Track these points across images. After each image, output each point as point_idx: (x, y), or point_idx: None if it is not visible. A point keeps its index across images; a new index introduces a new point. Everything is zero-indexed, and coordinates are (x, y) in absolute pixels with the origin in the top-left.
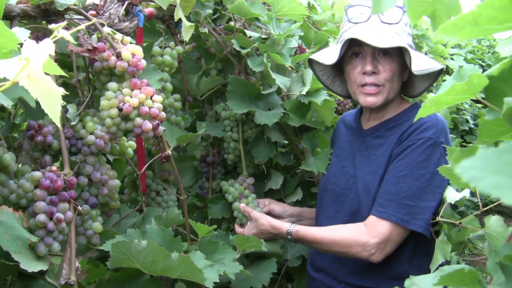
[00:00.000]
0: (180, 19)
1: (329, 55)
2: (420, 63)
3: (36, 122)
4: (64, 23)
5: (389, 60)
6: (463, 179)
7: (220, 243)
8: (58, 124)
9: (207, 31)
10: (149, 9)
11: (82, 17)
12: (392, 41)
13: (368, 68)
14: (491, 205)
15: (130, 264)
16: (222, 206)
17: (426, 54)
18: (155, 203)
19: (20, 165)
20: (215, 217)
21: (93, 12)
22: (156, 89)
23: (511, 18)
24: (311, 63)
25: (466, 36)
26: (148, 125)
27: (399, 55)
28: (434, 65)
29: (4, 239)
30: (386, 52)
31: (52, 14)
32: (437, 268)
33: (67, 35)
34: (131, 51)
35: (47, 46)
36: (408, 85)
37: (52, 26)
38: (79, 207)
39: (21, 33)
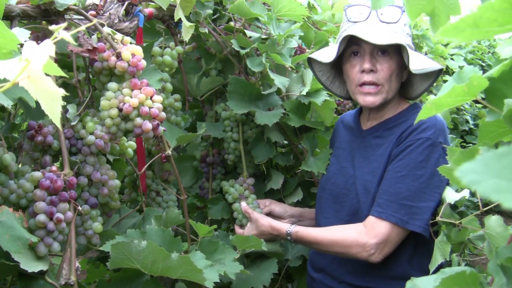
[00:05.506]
0: (180, 19)
1: (327, 54)
2: (419, 63)
3: (36, 122)
4: (64, 24)
5: (388, 59)
6: (463, 182)
7: (220, 243)
8: (58, 125)
9: (207, 31)
10: (149, 9)
11: (82, 17)
12: (390, 39)
13: (367, 66)
14: (491, 205)
15: (130, 264)
16: (222, 206)
17: (426, 54)
18: (155, 203)
19: (20, 165)
20: (214, 218)
21: (93, 12)
22: (156, 89)
23: None
24: (311, 62)
25: (466, 38)
26: (148, 125)
27: (397, 54)
28: (432, 65)
29: (4, 239)
30: (384, 51)
31: (52, 14)
32: (436, 269)
33: (67, 36)
34: (131, 51)
35: (48, 47)
36: (408, 86)
37: (52, 27)
38: (79, 207)
39: (21, 33)
